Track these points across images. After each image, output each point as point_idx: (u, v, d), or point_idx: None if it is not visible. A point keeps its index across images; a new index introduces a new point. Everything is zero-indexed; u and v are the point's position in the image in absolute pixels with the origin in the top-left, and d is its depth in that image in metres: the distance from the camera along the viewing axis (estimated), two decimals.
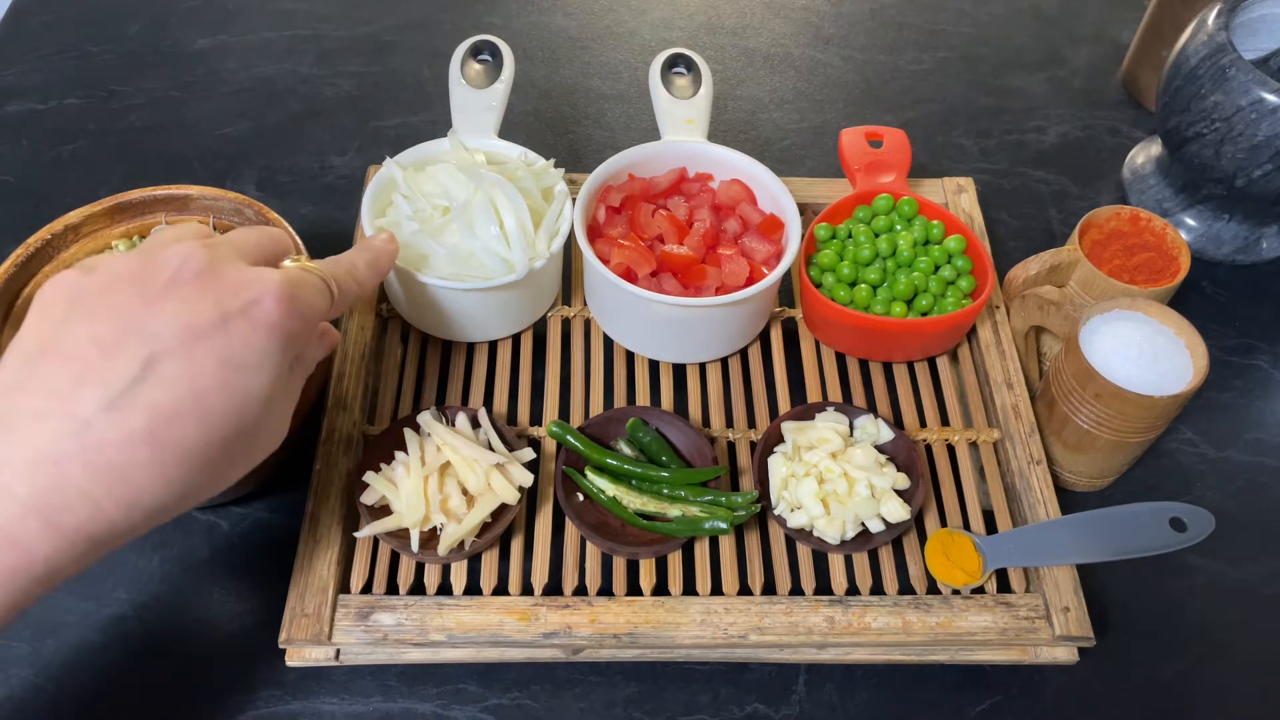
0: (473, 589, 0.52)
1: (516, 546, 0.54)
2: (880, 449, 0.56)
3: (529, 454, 0.54)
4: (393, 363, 0.61)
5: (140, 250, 0.40)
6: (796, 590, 0.53)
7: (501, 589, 0.53)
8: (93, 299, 0.37)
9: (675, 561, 0.53)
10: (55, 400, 0.35)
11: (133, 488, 0.35)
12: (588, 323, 0.64)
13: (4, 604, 0.35)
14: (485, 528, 0.52)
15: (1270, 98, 0.62)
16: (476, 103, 0.64)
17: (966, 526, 0.56)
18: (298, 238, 0.57)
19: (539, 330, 0.63)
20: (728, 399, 0.61)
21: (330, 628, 0.50)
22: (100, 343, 0.36)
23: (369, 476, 0.52)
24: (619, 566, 0.53)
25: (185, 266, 0.38)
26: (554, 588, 0.53)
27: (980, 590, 0.53)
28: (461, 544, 0.51)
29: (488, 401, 0.60)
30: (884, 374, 0.63)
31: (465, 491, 0.52)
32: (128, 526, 0.36)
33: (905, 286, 0.60)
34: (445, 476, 0.52)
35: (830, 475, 0.53)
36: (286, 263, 0.43)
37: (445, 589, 0.52)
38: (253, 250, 0.42)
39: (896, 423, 0.60)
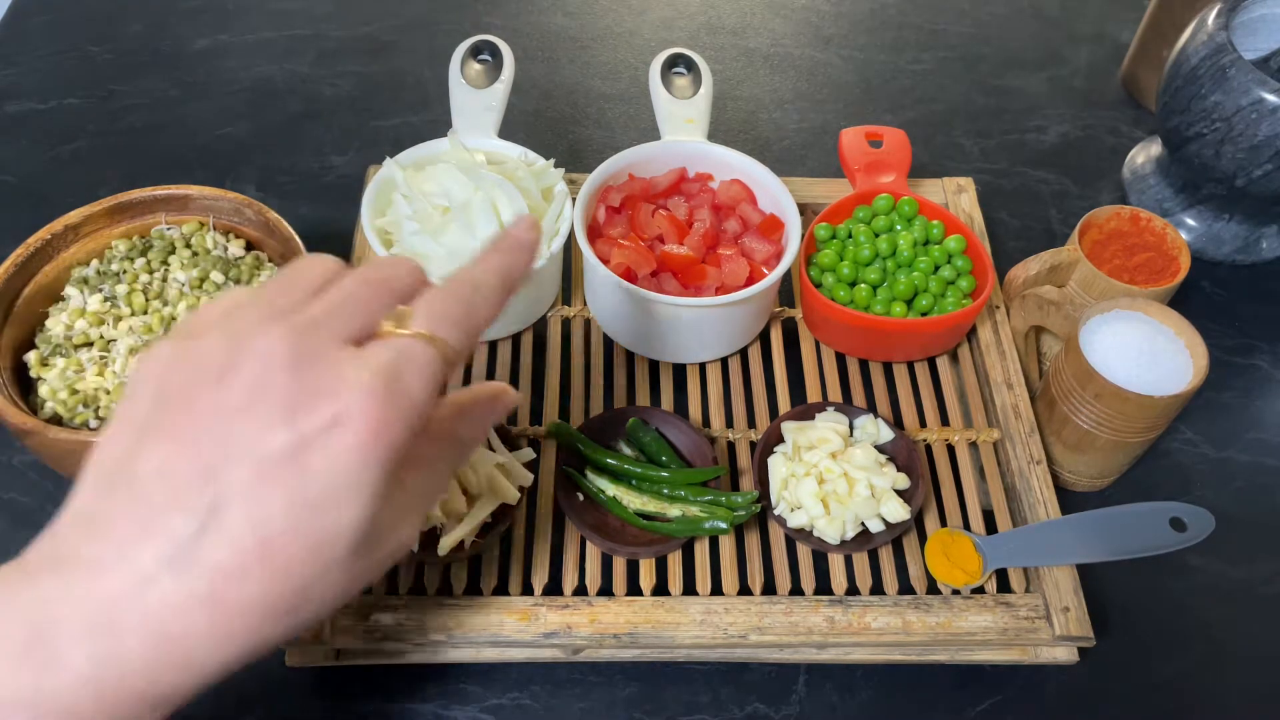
0: (473, 589, 0.52)
1: (517, 546, 0.54)
2: (880, 449, 0.56)
3: (529, 454, 0.54)
4: None
5: (234, 333, 0.34)
6: (796, 590, 0.53)
7: (501, 589, 0.53)
8: (171, 407, 0.33)
9: (675, 561, 0.53)
10: (119, 551, 0.32)
11: (191, 656, 0.33)
12: (588, 323, 0.64)
13: None
14: (485, 528, 0.52)
15: (1270, 98, 0.62)
16: (476, 103, 0.64)
17: (966, 526, 0.56)
18: (297, 238, 0.57)
19: (539, 330, 0.63)
20: (728, 399, 0.61)
21: (330, 628, 0.50)
22: (168, 480, 0.32)
23: None
24: (619, 566, 0.53)
25: (266, 373, 0.33)
26: (554, 588, 0.53)
27: (980, 590, 0.53)
28: (461, 544, 0.51)
29: None
30: (884, 374, 0.63)
31: (465, 491, 0.52)
32: (185, 691, 0.34)
33: (905, 286, 0.60)
34: None
35: (830, 475, 0.53)
36: (387, 326, 0.36)
37: (445, 589, 0.52)
38: (356, 319, 0.35)
39: (896, 423, 0.60)
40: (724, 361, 0.63)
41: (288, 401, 0.32)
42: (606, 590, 0.53)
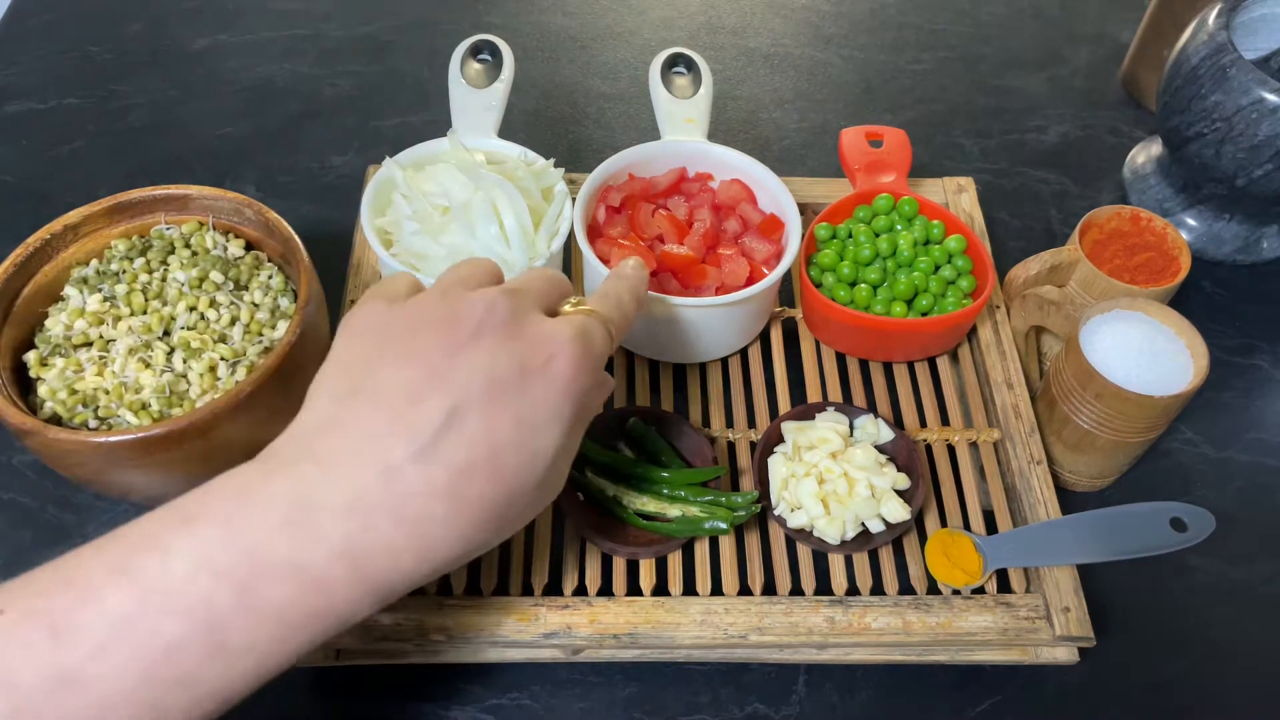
0: (473, 589, 0.52)
1: (516, 546, 0.54)
2: (880, 449, 0.56)
3: None
4: None
5: (444, 291, 0.40)
6: (796, 590, 0.53)
7: (501, 589, 0.53)
8: (400, 340, 0.38)
9: (675, 561, 0.53)
10: (368, 445, 0.35)
11: (427, 541, 0.36)
12: None
13: (304, 642, 0.35)
14: None
15: (1270, 97, 0.62)
16: (476, 103, 0.64)
17: (966, 526, 0.56)
18: (297, 238, 0.57)
19: None
20: (728, 399, 0.61)
21: None
22: (408, 389, 0.36)
23: None
24: (619, 566, 0.53)
25: (490, 316, 0.38)
26: (554, 588, 0.53)
27: (980, 590, 0.53)
28: None
29: None
30: (884, 374, 0.63)
31: None
32: (414, 580, 0.36)
33: (905, 286, 0.60)
34: None
35: (830, 475, 0.53)
36: (566, 307, 0.43)
37: (445, 589, 0.52)
38: (544, 299, 0.42)
39: (896, 423, 0.60)
40: (724, 361, 0.63)
41: (510, 342, 0.38)
42: (606, 590, 0.53)
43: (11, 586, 0.33)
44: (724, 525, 0.52)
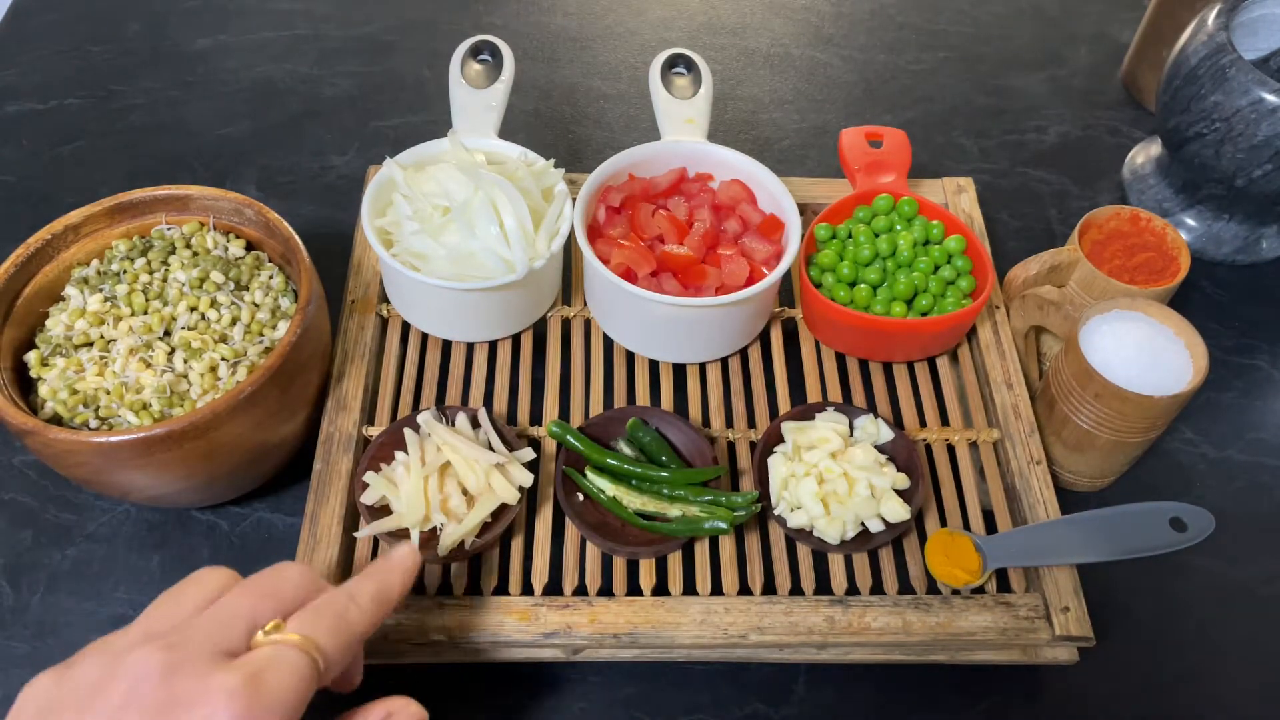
0: (473, 589, 0.52)
1: (516, 546, 0.54)
2: (880, 449, 0.56)
3: (529, 454, 0.54)
4: (393, 363, 0.61)
5: (108, 653, 0.37)
6: (796, 590, 0.53)
7: (501, 589, 0.53)
8: None
9: (675, 561, 0.53)
10: None
11: None
12: (588, 323, 0.64)
13: None
14: (485, 528, 0.52)
15: (1270, 98, 0.62)
16: (476, 103, 0.64)
17: (966, 526, 0.56)
18: (297, 238, 0.57)
19: (539, 330, 0.63)
20: (728, 399, 0.61)
21: None
22: None
23: (369, 476, 0.52)
24: (619, 566, 0.53)
25: (136, 685, 0.35)
26: (554, 588, 0.53)
27: (980, 590, 0.53)
28: (461, 544, 0.51)
29: (488, 401, 0.60)
30: (884, 374, 0.63)
31: (465, 491, 0.52)
32: None
33: (905, 286, 0.60)
34: (445, 476, 0.52)
35: (830, 475, 0.53)
36: (259, 635, 0.38)
37: (445, 589, 0.52)
38: (233, 632, 0.37)
39: (896, 423, 0.60)
40: (724, 361, 0.63)
41: (155, 713, 0.34)
42: (606, 590, 0.53)
43: None
44: (724, 525, 0.52)
